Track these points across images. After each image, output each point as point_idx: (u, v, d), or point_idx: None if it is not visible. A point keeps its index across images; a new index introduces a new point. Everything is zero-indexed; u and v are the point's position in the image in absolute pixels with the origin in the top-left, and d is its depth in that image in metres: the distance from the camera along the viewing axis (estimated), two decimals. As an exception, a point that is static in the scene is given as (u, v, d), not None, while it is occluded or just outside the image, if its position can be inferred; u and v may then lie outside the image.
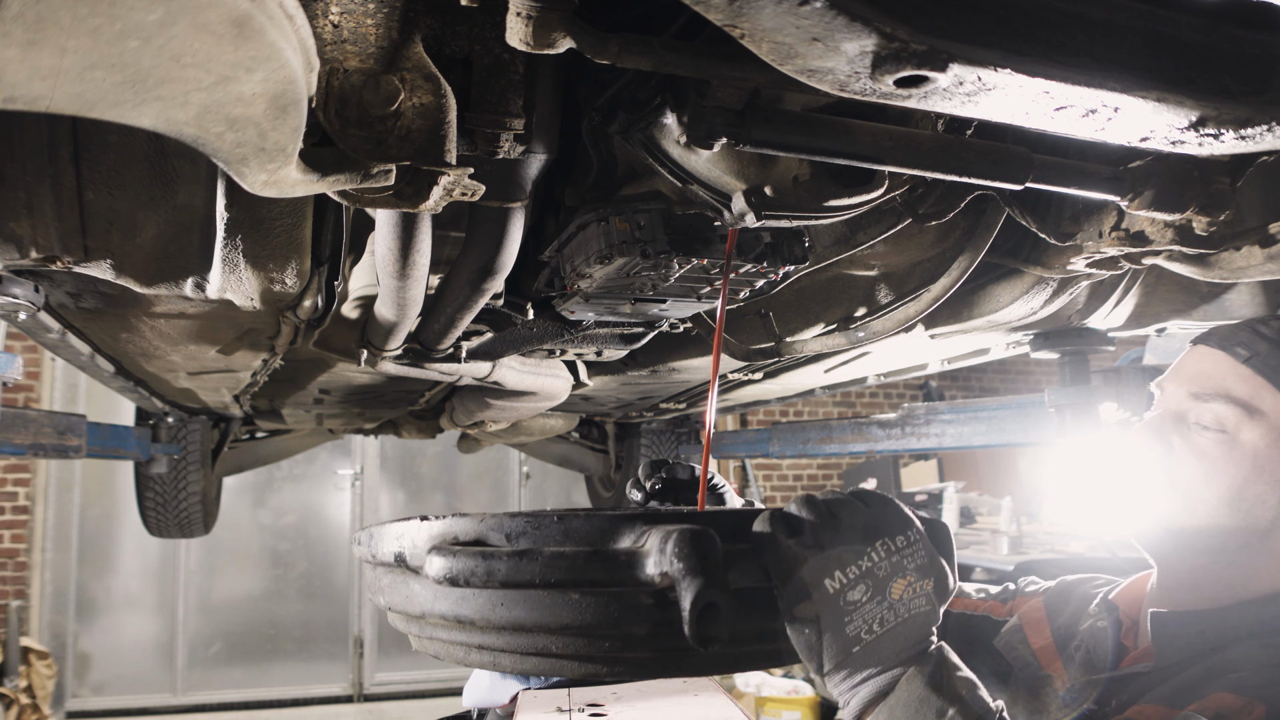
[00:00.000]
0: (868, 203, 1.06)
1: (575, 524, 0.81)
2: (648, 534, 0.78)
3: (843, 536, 0.82)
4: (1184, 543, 1.02)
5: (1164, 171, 1.06)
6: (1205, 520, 1.00)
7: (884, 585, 0.81)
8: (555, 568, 0.76)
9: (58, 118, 1.03)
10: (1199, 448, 1.01)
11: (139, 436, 3.53)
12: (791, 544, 0.82)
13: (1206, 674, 0.94)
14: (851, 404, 8.50)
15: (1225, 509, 0.99)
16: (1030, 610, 1.25)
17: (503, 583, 0.77)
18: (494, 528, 0.83)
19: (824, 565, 0.80)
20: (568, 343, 1.82)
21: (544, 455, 4.85)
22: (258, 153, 0.69)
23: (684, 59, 0.77)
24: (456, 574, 0.79)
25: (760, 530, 0.83)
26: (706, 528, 0.77)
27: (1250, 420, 0.99)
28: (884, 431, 3.08)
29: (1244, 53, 0.70)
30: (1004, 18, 0.63)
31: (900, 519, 0.85)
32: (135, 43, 0.51)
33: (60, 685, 6.24)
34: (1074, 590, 1.24)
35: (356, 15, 0.77)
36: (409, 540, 0.87)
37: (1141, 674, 1.02)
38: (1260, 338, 1.02)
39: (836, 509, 0.84)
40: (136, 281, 1.22)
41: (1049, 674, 1.14)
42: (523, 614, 0.79)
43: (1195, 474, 1.01)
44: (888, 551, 0.82)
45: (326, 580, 7.15)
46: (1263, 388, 0.99)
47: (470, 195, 0.88)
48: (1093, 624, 1.13)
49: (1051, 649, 1.17)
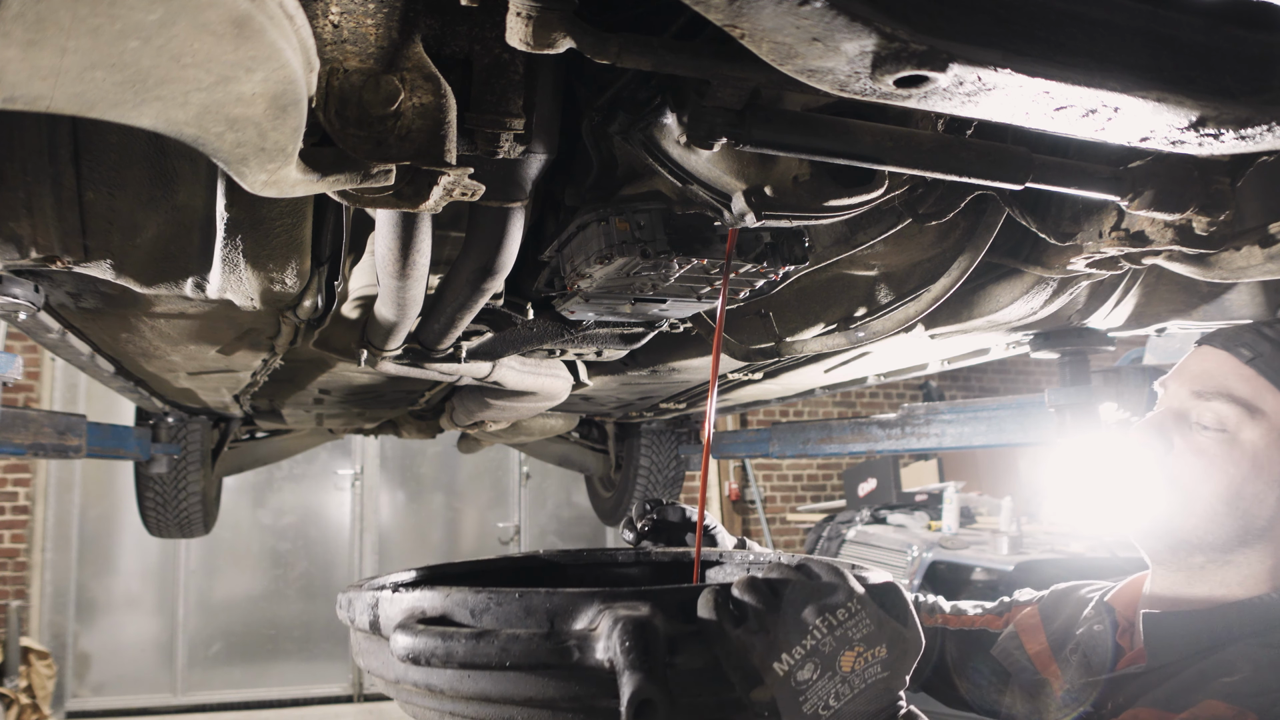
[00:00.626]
0: (868, 203, 1.06)
1: (535, 601, 0.84)
2: (602, 615, 0.81)
3: (785, 617, 0.83)
4: (1181, 541, 1.03)
5: (1164, 171, 1.06)
6: (1203, 518, 1.01)
7: (832, 660, 0.82)
8: (510, 651, 0.81)
9: (58, 118, 1.03)
10: (1199, 446, 1.02)
11: (139, 436, 3.53)
12: (738, 633, 0.83)
13: (1201, 677, 0.94)
14: (851, 404, 8.50)
15: (1224, 507, 0.99)
16: (1025, 617, 1.25)
17: (460, 664, 0.82)
18: (459, 603, 0.87)
19: (770, 649, 0.82)
20: (568, 343, 1.82)
21: (544, 455, 4.85)
22: (258, 153, 0.69)
23: (684, 59, 0.77)
24: (418, 654, 0.83)
25: (705, 617, 0.84)
26: (650, 618, 0.80)
27: (1251, 420, 0.99)
28: (884, 431, 3.08)
29: (1244, 53, 0.70)
30: (1004, 18, 0.63)
31: (842, 591, 0.85)
32: (135, 43, 0.51)
33: (60, 685, 6.24)
34: (1068, 595, 1.24)
35: (356, 15, 0.77)
36: (382, 611, 0.92)
37: (1137, 675, 1.02)
38: (1264, 339, 1.02)
39: (779, 588, 0.85)
40: (136, 281, 1.22)
41: (1045, 678, 1.15)
42: (489, 686, 0.83)
43: (1194, 472, 1.01)
44: (829, 627, 0.83)
45: (326, 580, 7.15)
46: (1265, 388, 1.00)
47: (470, 195, 0.88)
48: (1089, 627, 1.14)
49: (1047, 653, 1.17)
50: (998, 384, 9.22)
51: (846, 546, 5.77)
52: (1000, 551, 4.93)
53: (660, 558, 1.31)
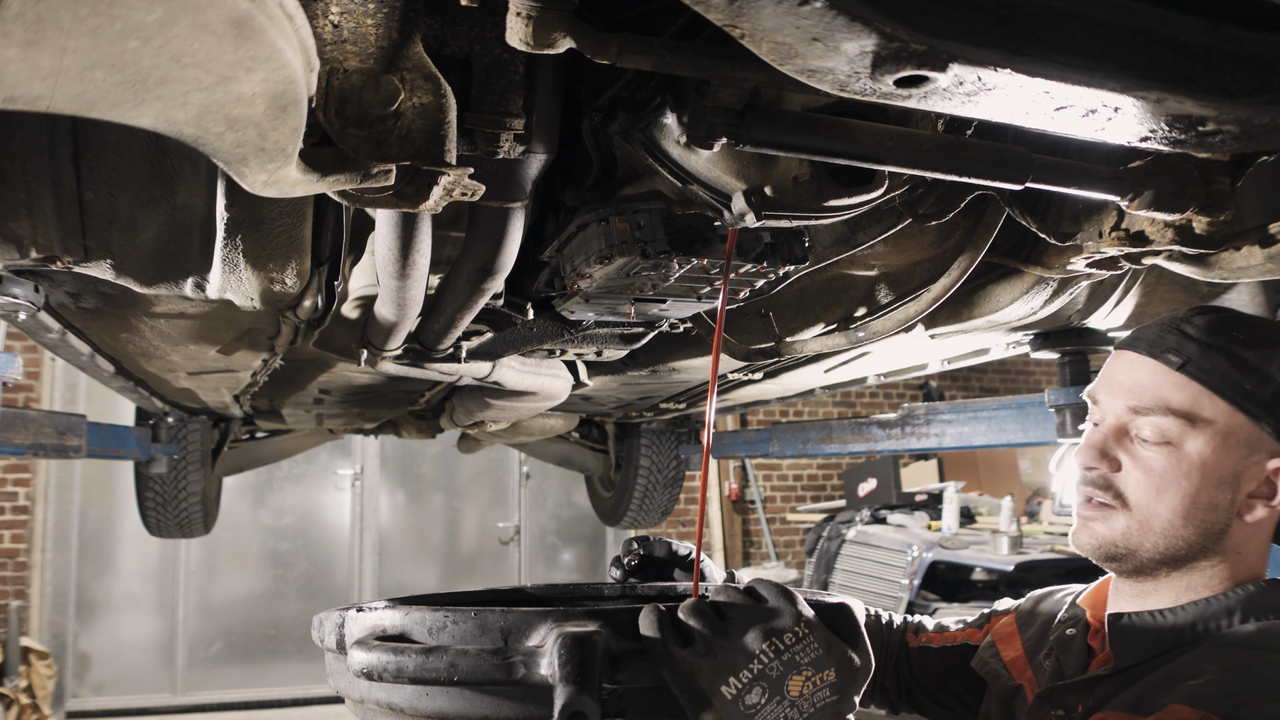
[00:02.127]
0: (868, 203, 1.06)
1: (489, 619, 0.86)
2: (550, 633, 0.83)
3: (733, 641, 0.84)
4: (1144, 561, 1.02)
5: (1164, 171, 1.06)
6: (1162, 535, 1.00)
7: (780, 684, 0.82)
8: (458, 667, 0.83)
9: (58, 118, 1.03)
10: (1146, 462, 1.00)
11: (139, 436, 3.53)
12: (685, 654, 0.83)
13: (1168, 679, 0.94)
14: (851, 404, 8.50)
15: (1180, 520, 0.99)
16: (1002, 626, 1.26)
17: (411, 679, 0.84)
18: (417, 622, 0.89)
19: (717, 672, 0.82)
20: (568, 343, 1.82)
21: (544, 455, 4.85)
22: (258, 153, 0.69)
23: (684, 59, 0.77)
24: (370, 669, 0.85)
25: (649, 635, 0.85)
26: (592, 635, 0.81)
27: (1193, 429, 0.98)
28: (884, 431, 3.08)
29: (1244, 53, 0.70)
30: (1004, 17, 0.63)
31: (789, 615, 0.86)
32: (135, 43, 0.51)
33: (60, 685, 6.24)
34: (1044, 600, 1.25)
35: (356, 15, 0.77)
36: (347, 629, 0.95)
37: (1105, 678, 1.02)
38: (1189, 340, 1.00)
39: (726, 612, 0.86)
40: (136, 281, 1.22)
41: (1020, 684, 1.15)
42: (446, 704, 0.85)
43: (1145, 490, 1.00)
44: (776, 651, 0.83)
45: (326, 580, 7.14)
46: (1200, 394, 0.98)
47: (470, 195, 0.88)
48: (1061, 631, 1.14)
49: (1022, 659, 1.18)
50: (998, 384, 9.22)
51: (846, 546, 5.77)
52: (1000, 551, 4.93)
53: (646, 590, 1.32)
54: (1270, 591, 0.99)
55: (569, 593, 1.36)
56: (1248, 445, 0.98)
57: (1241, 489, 0.98)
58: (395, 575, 7.28)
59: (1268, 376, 0.97)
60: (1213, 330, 1.00)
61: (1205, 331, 1.00)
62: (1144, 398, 1.01)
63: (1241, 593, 0.99)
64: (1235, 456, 0.98)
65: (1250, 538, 1.01)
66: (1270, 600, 0.98)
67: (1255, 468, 0.98)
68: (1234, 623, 0.97)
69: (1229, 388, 0.97)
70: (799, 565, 7.76)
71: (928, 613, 4.93)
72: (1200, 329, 1.00)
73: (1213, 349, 0.99)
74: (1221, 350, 0.98)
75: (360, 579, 7.19)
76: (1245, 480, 0.98)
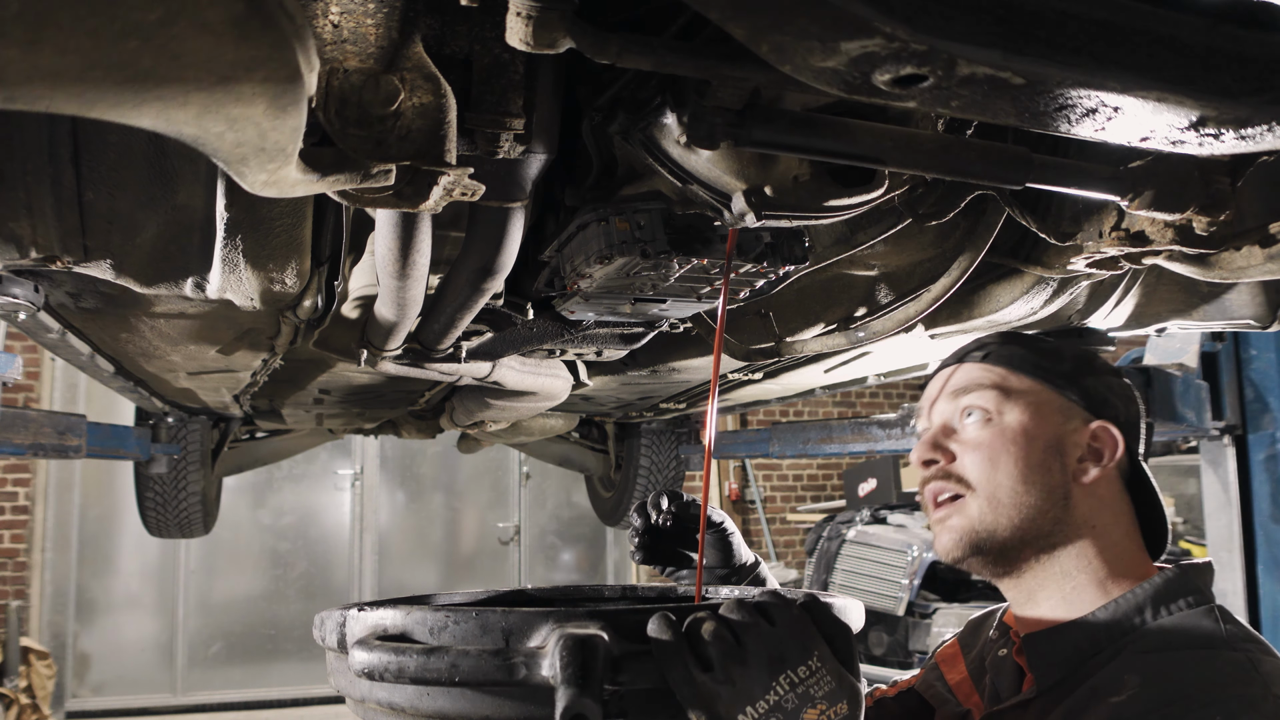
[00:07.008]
0: (868, 203, 1.06)
1: (491, 619, 0.85)
2: (552, 634, 0.83)
3: (750, 669, 0.83)
4: (1004, 543, 1.03)
5: (1164, 171, 1.06)
6: (1010, 505, 1.03)
7: (795, 717, 0.82)
8: (459, 668, 0.82)
9: (58, 118, 1.03)
10: (975, 440, 1.06)
11: (139, 436, 3.53)
12: (705, 680, 0.83)
13: (1092, 695, 0.94)
14: (851, 404, 8.50)
15: (1022, 485, 1.02)
16: (946, 649, 1.26)
17: (412, 679, 0.83)
18: (419, 621, 0.88)
19: (736, 701, 0.82)
20: (568, 343, 1.82)
21: (544, 455, 4.85)
22: (257, 153, 0.69)
23: (684, 59, 0.77)
24: (371, 668, 0.85)
25: (662, 639, 0.84)
26: (593, 636, 0.80)
27: (1008, 400, 1.06)
28: (884, 431, 3.08)
29: (1244, 53, 0.70)
30: (1004, 17, 0.63)
31: (802, 645, 0.85)
32: (135, 43, 0.51)
33: (60, 685, 6.24)
34: (984, 621, 1.24)
35: (356, 15, 0.77)
36: (348, 629, 0.94)
37: (1033, 699, 1.02)
38: (988, 342, 1.13)
39: (743, 636, 0.85)
40: (136, 281, 1.22)
41: (968, 709, 1.15)
42: (446, 704, 0.84)
43: (982, 465, 1.04)
44: (791, 685, 0.83)
45: (326, 580, 7.15)
46: (1005, 374, 1.08)
47: (470, 195, 0.88)
48: (994, 652, 1.14)
49: (968, 683, 1.18)
50: (998, 384, 9.22)
51: (846, 546, 5.77)
52: (1000, 551, 4.92)
53: (646, 593, 1.32)
54: (1175, 580, 1.00)
55: (571, 594, 1.35)
56: (1062, 413, 1.06)
57: (1069, 455, 1.04)
58: (395, 575, 7.28)
59: (1061, 355, 1.10)
60: (1007, 335, 1.15)
61: (1001, 336, 1.15)
62: (957, 385, 1.10)
63: (1149, 586, 1.00)
64: (1053, 423, 1.05)
65: (1098, 510, 1.04)
66: (1175, 588, 1.00)
67: (1075, 434, 1.05)
68: (1147, 619, 0.98)
69: (1029, 366, 1.08)
70: (799, 565, 7.76)
71: (928, 613, 4.95)
72: (995, 337, 1.15)
73: (1010, 341, 1.13)
74: (1016, 340, 1.13)
75: (360, 579, 7.19)
76: (1070, 447, 1.05)
